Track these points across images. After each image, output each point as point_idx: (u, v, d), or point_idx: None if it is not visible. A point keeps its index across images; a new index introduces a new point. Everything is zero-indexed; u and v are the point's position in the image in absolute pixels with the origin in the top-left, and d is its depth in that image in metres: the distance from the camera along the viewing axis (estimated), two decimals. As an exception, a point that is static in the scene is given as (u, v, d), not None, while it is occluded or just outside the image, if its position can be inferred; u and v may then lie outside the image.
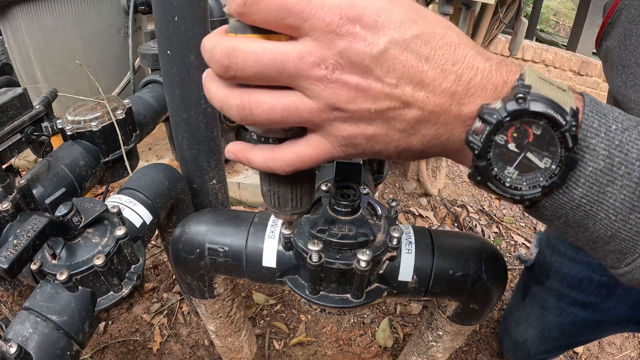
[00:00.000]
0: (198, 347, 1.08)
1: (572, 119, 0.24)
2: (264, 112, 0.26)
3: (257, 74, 0.25)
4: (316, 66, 0.25)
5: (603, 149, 0.26)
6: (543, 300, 0.84)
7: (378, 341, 1.11)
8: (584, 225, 0.28)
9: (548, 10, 7.52)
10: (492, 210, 1.63)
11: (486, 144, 0.26)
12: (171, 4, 0.60)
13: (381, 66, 0.25)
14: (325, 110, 0.26)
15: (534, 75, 0.26)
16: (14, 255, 0.41)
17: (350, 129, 0.27)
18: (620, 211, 0.27)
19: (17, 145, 0.63)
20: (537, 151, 0.26)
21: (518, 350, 0.97)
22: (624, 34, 0.51)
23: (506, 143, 0.26)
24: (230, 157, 0.32)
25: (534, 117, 0.24)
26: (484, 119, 0.25)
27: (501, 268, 0.54)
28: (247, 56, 0.24)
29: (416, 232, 0.54)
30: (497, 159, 0.26)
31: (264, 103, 0.26)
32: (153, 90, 1.05)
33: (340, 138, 0.27)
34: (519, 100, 0.24)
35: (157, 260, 1.27)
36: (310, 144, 0.28)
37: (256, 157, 0.30)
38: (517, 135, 0.25)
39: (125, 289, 0.52)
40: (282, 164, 0.29)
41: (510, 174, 0.27)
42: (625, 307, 0.74)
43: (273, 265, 0.52)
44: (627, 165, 0.26)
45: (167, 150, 1.66)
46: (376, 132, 0.27)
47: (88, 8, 1.43)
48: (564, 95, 0.25)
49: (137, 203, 0.63)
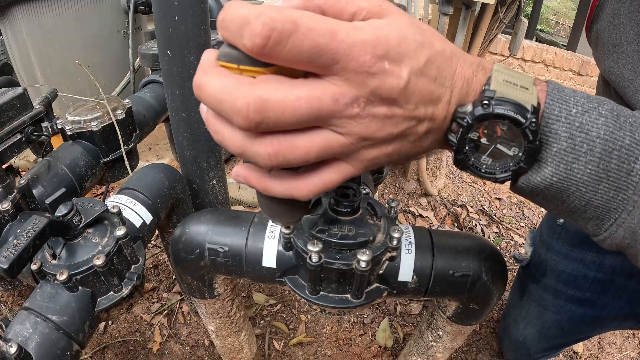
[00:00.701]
0: (198, 347, 1.08)
1: (532, 116, 0.28)
2: (300, 155, 0.26)
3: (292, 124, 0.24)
4: (350, 107, 0.25)
5: (564, 132, 0.29)
6: (540, 299, 0.84)
7: (378, 341, 1.11)
8: (560, 199, 0.32)
9: (548, 10, 7.52)
10: (492, 210, 1.63)
11: (461, 141, 0.30)
12: (171, 4, 0.60)
13: (405, 96, 0.26)
14: (357, 142, 0.27)
15: (500, 80, 0.29)
16: (14, 255, 0.41)
17: (375, 152, 0.28)
18: (589, 183, 0.30)
19: (17, 145, 0.63)
20: (506, 142, 0.30)
21: (518, 350, 0.97)
22: (612, 14, 0.52)
23: (479, 138, 0.30)
24: (240, 182, 0.31)
25: (498, 119, 0.28)
26: (458, 122, 0.29)
27: (501, 268, 0.54)
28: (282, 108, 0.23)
29: (416, 232, 0.54)
30: (472, 151, 0.31)
31: (298, 147, 0.25)
32: (153, 90, 1.05)
33: (365, 161, 0.29)
34: (484, 105, 0.28)
35: (157, 260, 1.27)
36: (336, 171, 0.29)
37: (277, 186, 0.29)
38: (487, 131, 0.30)
39: (125, 289, 0.52)
40: (308, 192, 0.29)
41: (485, 161, 0.31)
42: (622, 302, 0.74)
43: (273, 266, 0.52)
44: (589, 142, 0.29)
45: (167, 150, 1.66)
46: (395, 149, 0.29)
47: (88, 8, 1.43)
48: (526, 94, 0.28)
49: (137, 203, 0.63)
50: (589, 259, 0.74)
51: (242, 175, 0.30)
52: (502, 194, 1.72)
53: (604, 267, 0.73)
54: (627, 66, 0.49)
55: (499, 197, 1.70)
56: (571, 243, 0.76)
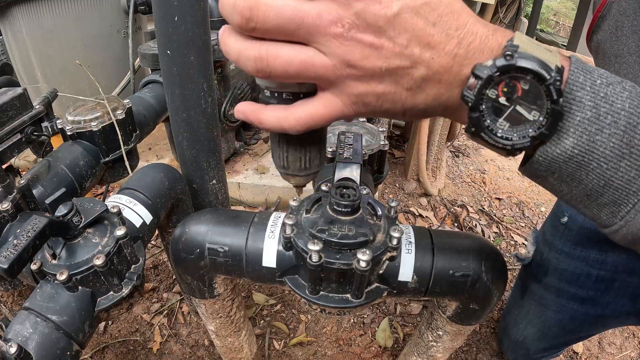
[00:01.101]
0: (198, 347, 1.08)
1: (556, 75, 0.26)
2: (281, 64, 0.27)
3: (277, 26, 0.26)
4: (333, 24, 0.26)
5: (589, 100, 0.27)
6: (542, 298, 0.84)
7: (378, 341, 1.11)
8: (577, 178, 0.30)
9: (548, 10, 7.52)
10: (492, 210, 1.63)
11: (478, 97, 0.28)
12: (171, 4, 0.60)
13: (393, 28, 0.26)
14: (340, 67, 0.27)
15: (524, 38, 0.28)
16: (14, 255, 0.41)
17: (362, 87, 0.28)
18: (611, 159, 0.28)
19: (17, 145, 0.63)
20: (526, 104, 0.28)
21: (518, 350, 0.97)
22: (615, 26, 0.52)
23: (497, 97, 0.28)
24: (240, 117, 0.33)
25: (521, 72, 0.27)
26: (476, 74, 0.27)
27: (501, 268, 0.54)
28: (268, 9, 0.26)
29: (416, 232, 0.54)
30: (489, 112, 0.28)
31: (281, 56, 0.27)
32: (153, 90, 1.05)
33: (352, 96, 0.29)
34: (507, 57, 0.27)
35: (157, 260, 1.27)
36: (322, 102, 0.30)
37: (269, 117, 0.31)
38: (507, 89, 0.28)
39: (125, 289, 0.52)
40: (295, 123, 0.30)
41: (502, 125, 0.29)
42: (624, 300, 0.74)
43: (273, 265, 0.52)
44: (613, 114, 0.27)
45: (167, 150, 1.66)
46: (386, 90, 0.29)
47: (88, 8, 1.43)
48: (550, 55, 0.27)
49: (137, 203, 0.63)
50: (592, 257, 0.74)
51: (242, 110, 0.32)
52: (502, 194, 1.72)
53: (607, 264, 0.73)
54: (628, 76, 0.50)
55: (499, 197, 1.70)
56: (574, 241, 0.76)
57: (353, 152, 0.56)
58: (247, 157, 1.60)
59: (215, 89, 0.73)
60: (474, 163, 1.92)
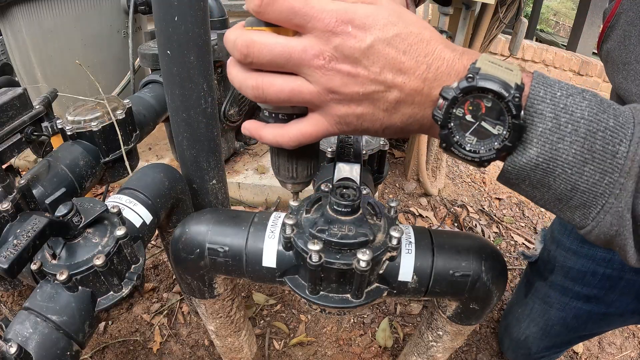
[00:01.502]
0: (198, 347, 1.08)
1: (515, 92, 0.29)
2: (274, 92, 0.33)
3: (269, 61, 0.31)
4: (316, 57, 0.31)
5: (549, 112, 0.30)
6: (546, 296, 0.85)
7: (378, 341, 1.11)
8: (546, 184, 0.32)
9: (548, 10, 7.52)
10: (492, 210, 1.63)
11: (446, 116, 0.31)
12: (171, 4, 0.60)
13: (368, 58, 0.30)
14: (323, 93, 0.32)
15: (485, 60, 0.31)
16: (14, 255, 0.41)
17: (344, 109, 0.33)
18: (574, 164, 0.30)
19: (17, 145, 0.63)
20: (490, 120, 0.31)
21: (519, 349, 0.97)
22: (623, 35, 0.55)
23: (464, 115, 0.31)
24: (245, 133, 0.39)
25: (482, 92, 0.30)
26: (443, 96, 0.31)
27: (501, 268, 0.54)
28: (262, 47, 0.31)
29: (416, 232, 0.54)
30: (458, 128, 0.32)
31: (274, 85, 0.33)
32: (153, 90, 1.05)
33: (336, 117, 0.34)
34: (468, 79, 0.30)
35: (157, 260, 1.27)
36: (311, 122, 0.35)
37: (267, 134, 0.37)
38: (472, 108, 0.31)
39: (125, 289, 0.52)
40: (289, 139, 0.36)
41: (469, 140, 0.32)
42: (629, 298, 0.75)
43: (273, 265, 0.52)
44: (573, 123, 0.30)
45: (167, 150, 1.66)
46: (364, 111, 0.33)
47: (88, 8, 1.43)
48: (510, 74, 0.30)
49: (137, 203, 0.63)
50: (600, 256, 0.75)
51: (247, 128, 0.38)
52: (502, 194, 1.72)
53: (614, 263, 0.73)
54: (635, 82, 0.52)
55: (499, 197, 1.70)
56: (582, 240, 0.77)
57: (353, 152, 0.56)
58: (247, 157, 1.60)
59: (215, 89, 0.73)
60: (474, 163, 1.92)
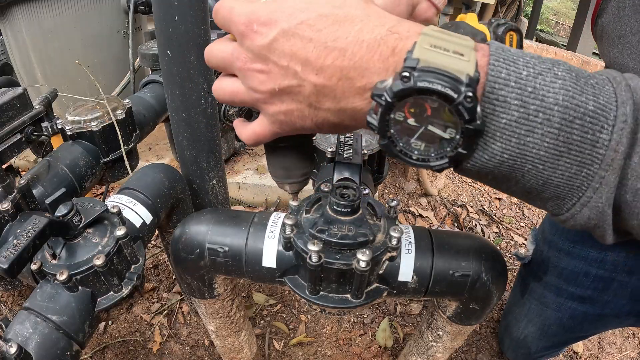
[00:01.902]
0: (198, 347, 1.08)
1: (467, 89, 0.23)
2: (222, 94, 0.36)
3: (216, 65, 0.35)
4: (237, 60, 0.32)
5: (515, 99, 0.24)
6: (542, 296, 0.84)
7: (378, 341, 1.11)
8: (513, 179, 0.28)
9: (548, 10, 7.52)
10: (492, 210, 1.63)
11: (383, 123, 0.25)
12: (171, 4, 0.60)
13: (274, 53, 0.29)
14: (249, 92, 0.33)
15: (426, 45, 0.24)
16: (14, 255, 0.41)
17: (272, 108, 0.33)
18: (547, 159, 0.26)
19: (17, 145, 0.63)
20: (439, 122, 0.25)
21: (518, 349, 0.97)
22: (617, 6, 0.53)
23: (405, 119, 0.25)
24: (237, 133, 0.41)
25: (423, 94, 0.23)
26: (375, 99, 0.25)
27: (501, 268, 0.54)
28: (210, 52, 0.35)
29: (416, 232, 0.54)
30: (400, 134, 0.26)
31: (221, 88, 0.36)
32: (153, 90, 1.05)
33: (269, 116, 0.34)
34: (404, 78, 0.23)
35: (157, 260, 1.28)
36: (258, 122, 0.36)
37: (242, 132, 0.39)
38: (415, 110, 0.25)
39: (125, 289, 0.52)
40: (245, 137, 0.38)
41: (416, 145, 0.26)
42: (624, 300, 0.74)
43: (273, 265, 0.52)
44: (545, 111, 0.24)
45: (167, 150, 1.66)
46: (289, 107, 0.32)
47: (88, 8, 1.43)
48: (460, 61, 0.24)
49: (137, 203, 0.63)
50: (591, 256, 0.74)
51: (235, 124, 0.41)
52: (502, 194, 1.72)
53: (605, 263, 0.73)
54: (631, 56, 0.51)
55: (499, 197, 1.70)
56: (573, 240, 0.76)
57: (353, 152, 0.56)
58: (247, 157, 1.60)
59: (215, 89, 0.73)
60: (474, 163, 1.92)
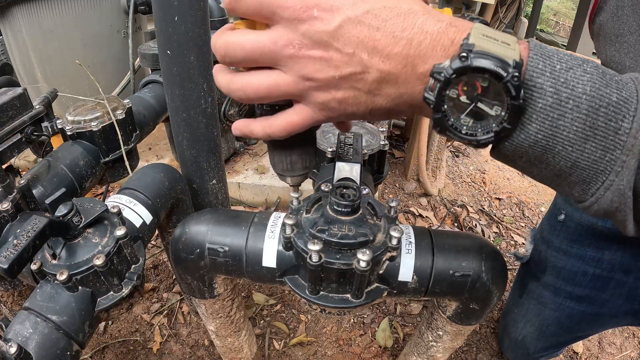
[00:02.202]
0: (198, 347, 1.08)
1: (514, 70, 0.27)
2: (254, 90, 0.33)
3: (244, 58, 0.32)
4: (286, 47, 0.30)
5: (549, 87, 0.28)
6: (540, 296, 0.85)
7: (378, 341, 1.11)
8: (545, 161, 0.31)
9: (548, 10, 7.52)
10: (492, 210, 1.63)
11: (439, 98, 0.29)
12: (171, 4, 0.60)
13: (338, 40, 0.29)
14: (299, 81, 0.32)
15: (479, 34, 0.28)
16: (14, 255, 0.41)
17: (324, 96, 0.32)
18: (575, 142, 0.29)
19: (17, 145, 0.63)
20: (487, 101, 0.29)
21: (518, 349, 0.97)
22: (616, 5, 0.53)
23: (458, 96, 0.29)
24: (236, 134, 0.39)
25: (478, 72, 0.27)
26: (434, 77, 0.28)
27: (501, 268, 0.54)
28: (235, 45, 0.31)
29: (416, 232, 0.54)
30: (452, 110, 0.29)
31: (252, 83, 0.33)
32: (153, 90, 1.05)
33: (318, 104, 0.33)
34: (462, 58, 0.27)
35: (157, 260, 1.28)
36: (296, 112, 0.34)
37: (256, 127, 0.37)
38: (467, 88, 0.28)
39: (125, 289, 0.52)
40: (277, 129, 0.36)
41: (465, 122, 0.30)
42: (621, 299, 0.75)
43: (273, 265, 0.52)
44: (575, 99, 0.28)
45: (167, 150, 1.66)
46: (345, 95, 0.32)
47: (88, 8, 1.43)
48: (507, 49, 0.28)
49: (137, 203, 0.63)
50: (589, 255, 0.74)
51: (237, 127, 0.38)
52: (502, 194, 1.72)
53: (603, 262, 0.73)
54: (628, 55, 0.51)
55: (499, 197, 1.70)
56: (571, 239, 0.76)
57: (353, 152, 0.56)
58: (247, 157, 1.60)
59: (215, 89, 0.73)
60: (474, 163, 1.92)
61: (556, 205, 0.82)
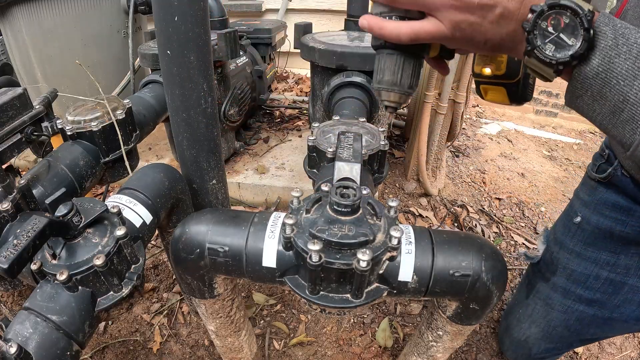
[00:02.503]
0: (198, 347, 1.08)
1: (588, 12, 0.37)
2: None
3: None
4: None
5: (610, 33, 0.38)
6: (548, 297, 0.84)
7: (378, 341, 1.11)
8: (603, 95, 0.39)
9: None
10: (492, 210, 1.63)
11: (533, 24, 0.39)
12: (171, 4, 0.60)
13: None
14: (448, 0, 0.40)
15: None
16: (14, 255, 0.41)
17: (460, 16, 0.41)
18: (626, 77, 0.37)
19: (17, 145, 0.63)
20: (567, 34, 0.39)
21: (519, 349, 0.97)
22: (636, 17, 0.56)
23: (546, 27, 0.39)
24: (363, 25, 0.46)
25: (563, 9, 0.38)
26: (532, 9, 0.39)
27: (501, 268, 0.54)
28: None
29: (416, 232, 0.54)
30: (541, 37, 0.39)
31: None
32: (153, 90, 1.05)
33: (453, 22, 0.42)
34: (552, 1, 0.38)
35: (157, 260, 1.28)
36: (430, 22, 0.43)
37: (388, 25, 0.44)
38: (554, 22, 0.39)
39: (125, 289, 0.52)
40: (406, 31, 0.43)
41: (549, 47, 0.40)
42: (634, 305, 0.74)
43: (273, 265, 0.52)
44: (628, 44, 0.37)
45: (167, 150, 1.66)
46: (475, 21, 0.41)
47: (88, 8, 1.43)
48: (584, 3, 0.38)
49: (137, 203, 0.63)
50: (603, 259, 0.74)
51: (367, 20, 0.46)
52: (502, 194, 1.72)
53: (618, 267, 0.73)
54: None
55: (499, 197, 1.70)
56: (586, 242, 0.76)
57: (353, 152, 0.57)
58: (247, 157, 1.60)
59: (215, 89, 0.73)
60: (474, 163, 1.92)
61: (572, 208, 0.82)
